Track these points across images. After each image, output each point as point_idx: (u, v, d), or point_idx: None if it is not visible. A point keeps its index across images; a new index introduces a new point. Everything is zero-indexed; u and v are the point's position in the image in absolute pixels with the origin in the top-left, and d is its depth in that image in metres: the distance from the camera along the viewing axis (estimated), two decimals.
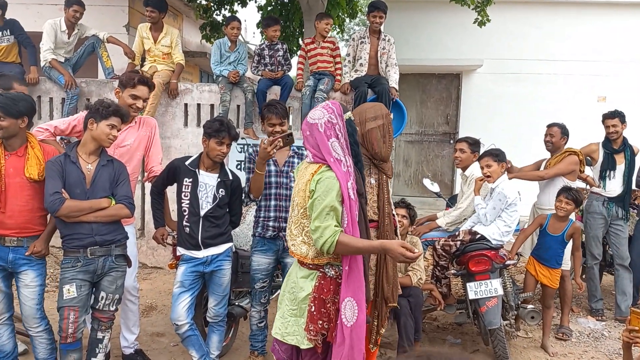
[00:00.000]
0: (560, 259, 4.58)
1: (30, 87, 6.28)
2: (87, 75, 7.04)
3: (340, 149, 2.58)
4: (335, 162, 2.54)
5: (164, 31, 6.19)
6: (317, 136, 2.58)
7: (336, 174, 2.53)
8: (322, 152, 2.57)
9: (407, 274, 4.18)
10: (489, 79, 10.00)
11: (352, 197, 2.54)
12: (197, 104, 6.35)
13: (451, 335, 4.82)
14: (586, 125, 7.16)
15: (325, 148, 2.56)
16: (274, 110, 3.78)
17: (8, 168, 3.21)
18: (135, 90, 3.68)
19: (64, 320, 3.17)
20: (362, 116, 3.23)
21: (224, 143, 3.51)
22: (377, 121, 3.20)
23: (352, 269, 2.56)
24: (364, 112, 3.24)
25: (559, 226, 4.55)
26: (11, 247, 3.26)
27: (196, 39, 12.22)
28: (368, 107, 3.29)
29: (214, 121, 3.57)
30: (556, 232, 4.54)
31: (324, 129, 2.56)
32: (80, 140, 3.33)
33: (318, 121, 2.58)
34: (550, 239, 4.56)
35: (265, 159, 3.52)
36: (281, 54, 6.07)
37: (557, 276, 4.58)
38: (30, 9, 8.49)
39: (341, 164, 2.55)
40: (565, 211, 4.48)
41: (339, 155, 2.56)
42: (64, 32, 6.11)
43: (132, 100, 3.68)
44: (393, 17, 10.26)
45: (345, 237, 2.50)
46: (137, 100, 3.70)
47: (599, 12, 9.73)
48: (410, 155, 10.59)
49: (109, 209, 3.24)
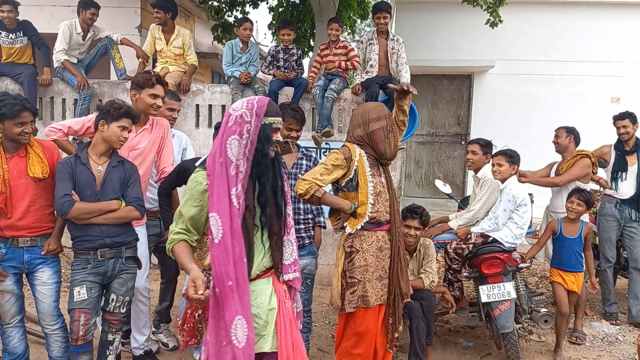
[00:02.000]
0: (582, 261, 4.50)
1: (43, 88, 6.33)
2: (100, 76, 7.07)
3: (238, 149, 2.26)
4: (217, 164, 2.25)
5: (176, 32, 6.21)
6: (221, 129, 2.32)
7: (211, 177, 2.26)
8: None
9: (419, 277, 4.15)
10: (501, 79, 9.94)
11: (235, 205, 2.23)
12: (208, 104, 6.35)
13: (463, 338, 4.78)
14: (600, 126, 7.09)
15: (216, 144, 2.30)
16: (296, 115, 3.78)
17: (12, 170, 3.21)
18: (154, 90, 3.71)
19: (74, 322, 3.18)
20: (364, 117, 3.24)
21: None
22: (380, 122, 3.22)
23: (238, 283, 2.21)
24: (367, 113, 3.25)
25: (573, 228, 4.49)
26: (25, 247, 3.27)
27: (208, 40, 12.25)
28: (370, 107, 3.30)
29: None
30: (572, 235, 4.47)
31: (233, 122, 2.28)
32: (91, 141, 3.34)
33: (232, 112, 2.30)
34: (569, 242, 4.47)
35: None
36: (295, 58, 6.10)
37: (581, 280, 4.51)
38: (44, 10, 8.55)
39: (229, 168, 2.25)
40: (576, 213, 4.42)
41: (231, 157, 2.25)
42: (79, 34, 6.15)
43: (152, 100, 3.71)
44: (405, 18, 10.27)
45: (178, 247, 2.31)
46: (157, 99, 3.73)
47: (613, 12, 9.64)
48: (422, 156, 10.55)
49: (119, 211, 3.24)
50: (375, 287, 3.23)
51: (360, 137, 3.26)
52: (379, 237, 3.25)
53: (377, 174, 3.27)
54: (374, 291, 3.23)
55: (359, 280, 3.21)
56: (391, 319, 3.29)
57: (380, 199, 3.24)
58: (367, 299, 3.21)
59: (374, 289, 3.22)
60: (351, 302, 3.22)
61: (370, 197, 3.19)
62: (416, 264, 4.27)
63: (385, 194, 3.26)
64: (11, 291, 3.31)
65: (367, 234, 3.23)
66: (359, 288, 3.21)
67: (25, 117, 3.16)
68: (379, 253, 3.25)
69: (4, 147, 3.24)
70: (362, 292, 3.21)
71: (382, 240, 3.27)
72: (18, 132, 3.16)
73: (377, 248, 3.24)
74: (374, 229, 3.23)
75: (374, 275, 3.22)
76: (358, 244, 3.23)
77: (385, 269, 3.27)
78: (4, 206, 3.20)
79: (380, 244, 3.25)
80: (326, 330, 4.85)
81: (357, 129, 3.28)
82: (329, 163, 3.19)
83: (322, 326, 4.96)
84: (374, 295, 3.23)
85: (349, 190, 3.23)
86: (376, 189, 3.23)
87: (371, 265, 3.22)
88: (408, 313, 3.84)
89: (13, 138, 3.19)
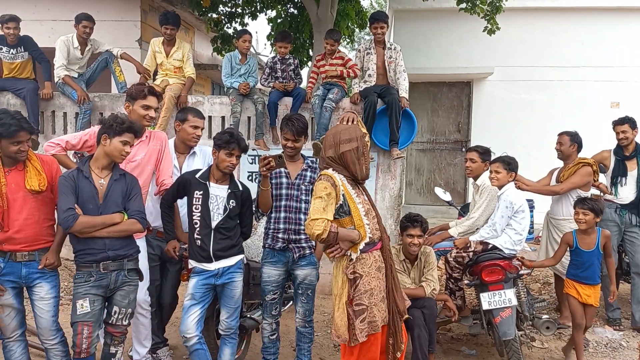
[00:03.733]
0: (599, 273, 4.36)
1: (45, 102, 6.37)
2: (101, 89, 7.12)
3: None
4: None
5: (176, 45, 6.26)
6: None
7: None
8: None
9: (420, 285, 4.15)
10: (500, 86, 9.98)
11: None
12: (208, 116, 6.37)
13: (466, 346, 4.77)
14: (600, 131, 7.09)
15: None
16: (291, 125, 3.78)
17: (10, 184, 3.24)
18: (146, 101, 3.76)
19: (77, 335, 3.18)
20: (336, 138, 3.15)
21: (234, 154, 3.54)
22: (351, 144, 3.12)
23: None
24: (338, 134, 3.15)
25: (589, 240, 4.30)
26: (23, 262, 3.28)
27: (208, 52, 12.32)
28: (342, 128, 3.19)
29: (223, 133, 3.60)
30: (590, 247, 4.29)
31: None
32: (93, 154, 3.36)
33: None
34: (588, 255, 4.28)
35: (265, 176, 3.58)
36: (292, 68, 6.14)
37: (598, 292, 4.36)
38: (45, 25, 8.62)
39: None
40: (585, 223, 4.26)
41: None
42: (76, 48, 6.20)
43: (144, 111, 3.76)
44: (402, 26, 10.32)
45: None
46: (150, 110, 3.78)
47: (611, 18, 9.68)
48: (422, 163, 10.57)
49: (121, 224, 3.26)
50: (380, 310, 3.14)
51: (332, 158, 3.15)
52: (375, 258, 3.19)
53: (360, 193, 3.22)
54: (380, 314, 3.14)
55: (367, 306, 3.09)
56: (392, 339, 3.19)
57: (370, 217, 3.20)
58: (375, 323, 3.11)
59: (379, 312, 3.14)
60: (362, 330, 3.07)
61: (364, 218, 3.15)
62: (417, 272, 4.27)
63: (371, 212, 3.23)
64: (11, 305, 3.32)
65: (365, 256, 3.15)
66: (368, 314, 3.09)
67: (21, 136, 3.19)
68: (379, 274, 3.18)
69: (3, 161, 3.27)
70: (371, 317, 3.09)
71: (379, 259, 3.21)
72: (15, 150, 3.20)
73: (376, 269, 3.18)
74: (370, 250, 3.18)
75: (378, 298, 3.14)
76: (360, 268, 3.12)
77: (383, 289, 3.20)
78: (1, 219, 3.22)
79: (378, 264, 3.20)
80: (328, 340, 4.84)
81: (328, 150, 3.17)
82: (323, 194, 3.05)
83: (324, 336, 4.96)
84: (380, 318, 3.14)
85: (341, 216, 3.12)
86: (364, 208, 3.18)
87: (375, 288, 3.13)
88: (409, 322, 3.83)
89: (10, 155, 3.23)
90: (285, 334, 4.69)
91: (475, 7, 7.91)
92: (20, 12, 6.47)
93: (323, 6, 8.52)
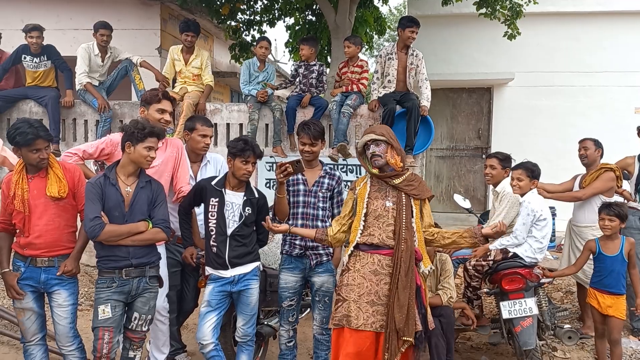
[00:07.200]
0: (624, 282, 4.21)
1: (66, 110, 6.48)
2: (121, 97, 7.21)
3: None
4: None
5: (195, 53, 6.32)
6: None
7: None
8: None
9: (437, 293, 4.10)
10: (521, 92, 9.84)
11: None
12: (226, 123, 6.42)
13: (485, 355, 4.69)
14: (624, 137, 6.97)
15: None
16: (307, 129, 3.80)
17: (32, 190, 3.29)
18: (161, 105, 3.84)
19: (98, 340, 3.21)
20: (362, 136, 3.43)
21: (249, 162, 3.54)
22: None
23: None
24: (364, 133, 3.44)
25: (612, 245, 4.19)
26: (43, 267, 3.32)
27: (226, 60, 12.41)
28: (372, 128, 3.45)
29: (238, 140, 3.61)
30: (613, 252, 4.18)
31: None
32: (119, 161, 3.39)
33: None
34: (610, 260, 4.17)
35: (282, 183, 3.56)
36: (315, 75, 6.02)
37: (623, 304, 4.18)
38: (67, 34, 8.76)
39: None
40: (610, 229, 4.16)
41: None
42: (97, 55, 6.30)
43: (159, 115, 3.83)
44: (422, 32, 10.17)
45: None
46: (165, 114, 3.86)
47: (633, 22, 9.50)
48: (442, 170, 10.47)
49: (145, 233, 3.29)
50: (363, 310, 3.14)
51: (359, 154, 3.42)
52: (374, 261, 3.19)
53: (381, 197, 3.25)
54: (361, 314, 3.14)
55: (343, 298, 3.21)
56: (387, 354, 3.09)
57: (378, 223, 3.20)
58: (349, 319, 3.14)
59: (360, 311, 3.14)
60: (334, 318, 3.24)
61: (362, 222, 3.22)
62: (434, 280, 4.22)
63: (386, 218, 3.20)
64: (31, 309, 3.36)
65: (362, 254, 3.22)
66: (343, 306, 3.19)
67: (38, 144, 3.24)
68: (373, 277, 3.17)
69: (27, 169, 3.33)
70: (346, 311, 3.17)
71: (379, 264, 3.18)
72: (34, 158, 3.26)
73: (371, 271, 3.17)
74: (370, 251, 3.20)
75: (362, 298, 3.15)
76: (352, 263, 3.26)
77: (379, 296, 3.16)
78: (22, 225, 3.28)
79: (376, 268, 3.18)
80: None
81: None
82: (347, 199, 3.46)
83: None
84: (361, 318, 3.13)
85: (351, 217, 3.38)
86: (375, 213, 3.22)
87: (359, 285, 3.17)
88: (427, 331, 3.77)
89: (31, 163, 3.29)
90: (303, 341, 4.67)
91: (496, 12, 7.85)
92: (43, 21, 6.60)
93: (341, 13, 8.51)
